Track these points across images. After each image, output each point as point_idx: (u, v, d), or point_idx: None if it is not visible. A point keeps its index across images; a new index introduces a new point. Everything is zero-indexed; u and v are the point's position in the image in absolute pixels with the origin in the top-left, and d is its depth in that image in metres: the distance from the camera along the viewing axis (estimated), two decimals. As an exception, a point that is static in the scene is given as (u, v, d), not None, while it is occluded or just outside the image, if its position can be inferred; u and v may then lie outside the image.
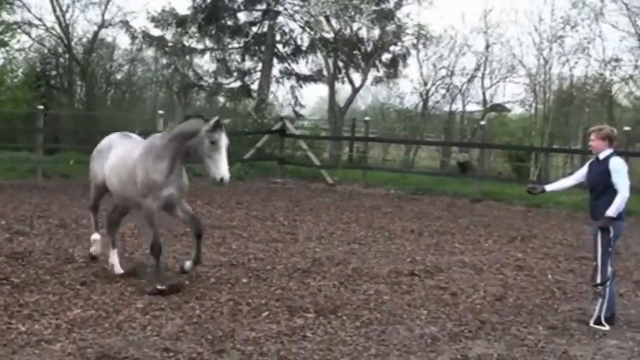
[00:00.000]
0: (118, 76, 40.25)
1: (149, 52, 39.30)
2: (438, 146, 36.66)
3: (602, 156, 10.85)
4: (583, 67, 35.08)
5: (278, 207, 21.37)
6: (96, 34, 38.00)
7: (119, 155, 12.11)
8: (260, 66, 37.47)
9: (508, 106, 38.57)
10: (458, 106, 38.74)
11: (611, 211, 10.51)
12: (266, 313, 10.45)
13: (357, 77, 37.19)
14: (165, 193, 11.46)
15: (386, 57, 37.17)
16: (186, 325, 9.76)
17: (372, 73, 37.25)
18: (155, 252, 11.51)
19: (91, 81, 37.75)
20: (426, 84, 37.97)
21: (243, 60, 37.81)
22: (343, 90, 39.41)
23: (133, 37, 36.78)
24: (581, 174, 11.26)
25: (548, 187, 11.53)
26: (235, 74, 37.89)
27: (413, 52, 37.22)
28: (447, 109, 38.85)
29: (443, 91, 38.38)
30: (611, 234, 10.63)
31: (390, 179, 28.66)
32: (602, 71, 34.21)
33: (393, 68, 37.22)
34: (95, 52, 38.62)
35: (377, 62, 36.96)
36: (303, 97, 39.29)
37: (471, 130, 36.29)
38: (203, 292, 11.50)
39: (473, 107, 39.15)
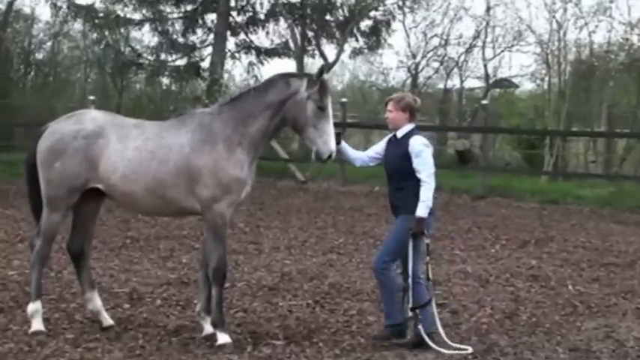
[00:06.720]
0: (39, 56, 40.14)
1: (76, 26, 39.20)
2: (432, 132, 36.72)
3: (400, 133, 10.48)
4: (605, 32, 35.34)
5: (237, 210, 21.29)
6: (10, 4, 37.87)
7: (137, 147, 10.25)
8: (211, 39, 37.32)
9: (515, 81, 38.80)
10: (455, 82, 38.96)
11: (422, 211, 10.01)
12: (225, 342, 10.41)
13: (330, 50, 37.24)
14: (244, 193, 10.47)
15: (365, 24, 37.16)
16: (127, 358, 9.71)
17: (349, 45, 37.26)
18: (220, 277, 10.27)
19: (6, 62, 37.59)
20: (414, 56, 38.21)
21: (189, 32, 37.62)
22: (314, 65, 39.46)
23: (56, 7, 36.58)
24: (380, 147, 10.82)
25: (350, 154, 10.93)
26: (181, 50, 37.75)
27: (398, 17, 37.33)
28: (441, 86, 39.05)
29: (436, 65, 38.60)
30: (427, 240, 10.21)
31: (374, 174, 28.52)
32: (627, 36, 34.37)
33: (374, 38, 37.18)
34: (10, 27, 38.47)
35: (354, 31, 36.90)
36: (264, 76, 39.19)
37: (472, 111, 36.43)
38: (147, 318, 11.46)
39: (473, 83, 39.38)
